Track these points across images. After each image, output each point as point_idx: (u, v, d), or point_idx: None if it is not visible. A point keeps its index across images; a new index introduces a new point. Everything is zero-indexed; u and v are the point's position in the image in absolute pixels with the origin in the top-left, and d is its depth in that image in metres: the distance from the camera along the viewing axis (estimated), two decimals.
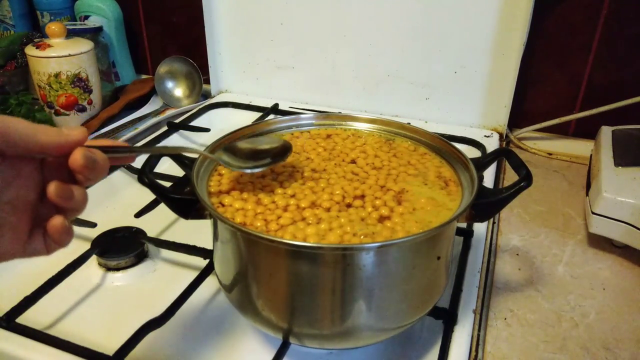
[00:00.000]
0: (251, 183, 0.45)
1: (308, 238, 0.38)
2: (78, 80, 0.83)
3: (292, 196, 0.43)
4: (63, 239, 0.33)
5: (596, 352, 0.46)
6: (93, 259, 0.54)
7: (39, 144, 0.30)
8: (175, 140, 0.80)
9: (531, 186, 0.41)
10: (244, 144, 0.47)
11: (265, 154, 0.46)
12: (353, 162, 0.49)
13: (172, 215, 0.42)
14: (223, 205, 0.42)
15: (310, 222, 0.40)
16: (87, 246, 0.54)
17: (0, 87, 0.88)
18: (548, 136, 0.86)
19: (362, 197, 0.44)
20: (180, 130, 0.81)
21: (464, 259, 0.53)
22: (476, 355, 0.45)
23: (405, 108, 0.87)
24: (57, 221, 0.32)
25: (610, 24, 0.77)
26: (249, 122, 0.55)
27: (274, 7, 0.88)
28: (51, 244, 0.33)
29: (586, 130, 0.83)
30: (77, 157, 0.31)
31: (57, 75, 0.81)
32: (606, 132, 0.69)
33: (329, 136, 0.54)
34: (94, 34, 0.94)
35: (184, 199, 0.41)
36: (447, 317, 0.46)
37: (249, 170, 0.44)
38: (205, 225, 0.43)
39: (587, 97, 0.82)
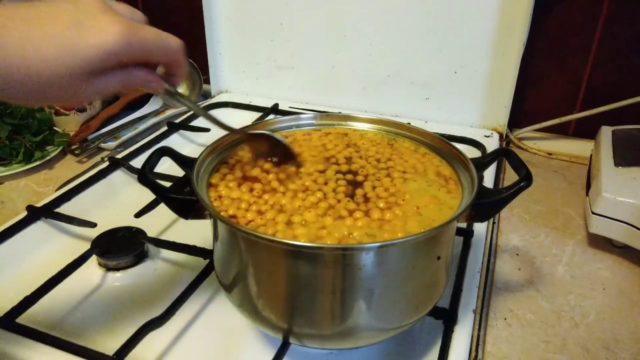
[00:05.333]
0: (251, 183, 0.45)
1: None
2: None
3: (293, 196, 0.43)
4: None
5: (596, 352, 0.46)
6: (93, 259, 0.54)
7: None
8: (175, 140, 0.80)
9: (531, 186, 0.41)
10: None
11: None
12: (353, 162, 0.49)
13: (172, 215, 0.42)
14: (222, 203, 0.42)
15: (310, 221, 0.40)
16: (87, 246, 0.54)
17: None
18: (548, 136, 0.86)
19: (362, 196, 0.44)
20: (180, 130, 0.81)
21: (464, 259, 0.53)
22: (476, 355, 0.45)
23: (405, 108, 0.87)
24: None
25: (610, 24, 0.77)
26: (249, 122, 0.55)
27: (274, 7, 0.88)
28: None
29: (586, 130, 0.83)
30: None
31: None
32: (606, 132, 0.69)
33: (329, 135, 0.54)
34: None
35: (184, 199, 0.41)
36: (447, 317, 0.46)
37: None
38: (205, 225, 0.43)
39: (587, 97, 0.82)
